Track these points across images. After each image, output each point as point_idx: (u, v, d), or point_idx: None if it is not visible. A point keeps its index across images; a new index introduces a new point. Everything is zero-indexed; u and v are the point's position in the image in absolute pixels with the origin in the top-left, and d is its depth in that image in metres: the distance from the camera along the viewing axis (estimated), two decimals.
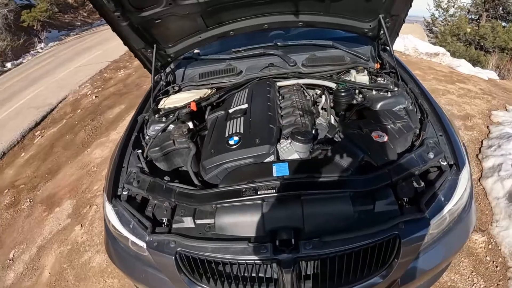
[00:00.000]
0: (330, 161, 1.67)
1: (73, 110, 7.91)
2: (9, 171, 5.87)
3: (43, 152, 6.16)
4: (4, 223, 4.44)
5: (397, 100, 2.10)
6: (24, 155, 6.34)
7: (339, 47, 2.67)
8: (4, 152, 6.56)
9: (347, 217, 1.46)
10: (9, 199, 4.93)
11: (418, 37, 8.37)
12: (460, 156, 1.66)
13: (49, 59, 13.78)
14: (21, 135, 7.09)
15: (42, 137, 6.91)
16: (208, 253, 1.43)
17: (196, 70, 2.89)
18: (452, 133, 1.79)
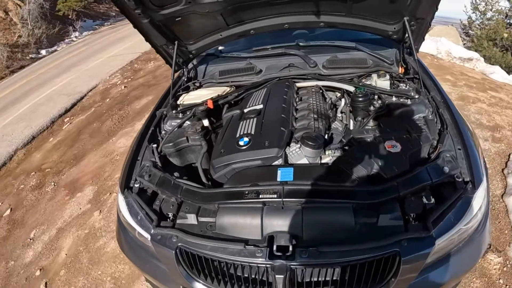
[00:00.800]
0: (337, 169, 1.66)
1: (102, 99, 8.28)
2: (37, 155, 6.25)
3: (70, 138, 6.51)
4: (28, 204, 4.74)
5: (417, 108, 2.03)
6: (52, 140, 6.73)
7: (362, 49, 2.62)
8: (34, 136, 6.98)
9: (347, 228, 1.44)
10: (35, 182, 5.25)
11: (452, 41, 8.06)
12: (477, 173, 1.58)
13: (83, 48, 14.46)
14: (50, 120, 7.52)
15: (70, 124, 7.29)
16: (206, 251, 1.48)
17: (217, 67, 2.94)
18: (472, 148, 1.70)
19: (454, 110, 1.98)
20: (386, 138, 1.78)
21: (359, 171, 1.63)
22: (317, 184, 1.54)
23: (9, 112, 8.52)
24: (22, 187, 5.20)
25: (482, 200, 1.56)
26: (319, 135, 1.84)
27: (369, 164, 1.67)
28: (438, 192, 1.58)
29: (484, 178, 1.62)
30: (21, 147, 6.58)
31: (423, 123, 1.94)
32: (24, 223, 4.36)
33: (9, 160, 6.27)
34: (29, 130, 7.12)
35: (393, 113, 2.06)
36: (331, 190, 1.52)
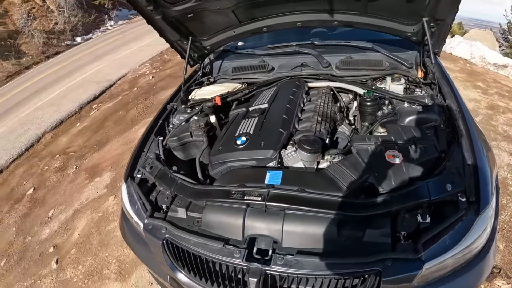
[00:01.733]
0: (327, 177, 1.62)
1: (130, 88, 8.66)
2: (63, 139, 6.67)
3: (95, 125, 6.88)
4: (50, 184, 5.10)
5: (428, 116, 1.95)
6: (79, 125, 7.13)
7: (380, 50, 2.56)
8: (62, 120, 7.42)
9: (329, 240, 1.42)
10: (59, 164, 5.62)
11: (488, 46, 7.68)
12: (485, 193, 1.46)
13: (116, 36, 15.07)
14: (79, 106, 7.95)
15: (97, 111, 7.69)
16: (190, 245, 1.56)
17: (231, 64, 3.01)
18: (483, 165, 1.57)
19: (470, 121, 1.85)
20: (388, 147, 1.72)
21: (350, 180, 1.57)
22: (304, 190, 1.53)
23: (41, 96, 9.08)
24: (46, 168, 5.58)
25: (487, 223, 1.45)
26: (317, 139, 1.81)
27: (363, 174, 1.61)
28: (438, 210, 1.50)
29: (492, 199, 1.50)
30: (49, 130, 7.03)
31: (433, 133, 1.87)
32: (44, 202, 4.69)
33: (37, 142, 6.72)
34: (58, 115, 7.58)
35: (402, 120, 2.00)
36: (316, 198, 1.48)
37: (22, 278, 3.47)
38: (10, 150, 6.48)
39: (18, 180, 5.53)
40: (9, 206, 4.89)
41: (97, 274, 3.12)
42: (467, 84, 5.81)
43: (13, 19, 14.84)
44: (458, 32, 11.86)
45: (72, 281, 3.16)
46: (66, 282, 3.17)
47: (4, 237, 4.26)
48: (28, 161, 6.10)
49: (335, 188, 1.55)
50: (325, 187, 1.55)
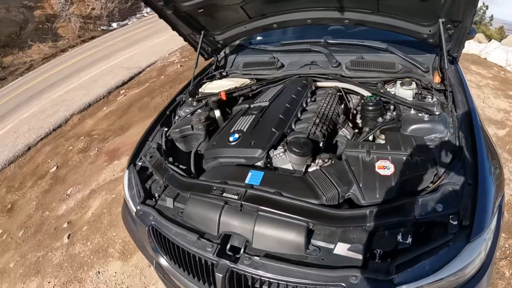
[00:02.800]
0: (307, 182, 1.61)
1: (158, 75, 8.97)
2: (89, 121, 7.06)
3: (121, 110, 7.22)
4: (72, 164, 5.45)
5: (434, 127, 1.87)
6: (105, 109, 7.51)
7: (395, 51, 2.50)
8: (90, 104, 7.84)
9: (296, 247, 1.42)
10: (82, 145, 5.97)
11: None
12: (480, 219, 1.35)
13: (151, 24, 15.53)
14: (108, 91, 8.35)
15: (124, 96, 8.05)
16: (171, 234, 1.67)
17: (244, 59, 3.09)
18: (486, 185, 1.46)
19: (480, 136, 1.72)
20: (380, 157, 1.66)
21: (331, 189, 1.54)
22: (280, 194, 1.54)
23: (73, 79, 9.60)
24: (70, 149, 5.95)
25: (479, 251, 1.34)
26: (307, 141, 1.80)
27: (346, 183, 1.57)
28: (424, 232, 1.42)
29: (491, 223, 1.39)
30: (77, 113, 7.45)
31: (436, 146, 1.77)
32: (65, 181, 5.03)
33: (65, 123, 7.16)
34: (87, 98, 8.01)
35: (405, 128, 1.93)
36: (290, 203, 1.49)
37: (36, 249, 3.78)
38: (39, 129, 6.95)
39: (44, 158, 5.95)
40: (33, 181, 5.29)
41: (102, 252, 3.35)
42: (498, 93, 5.57)
43: (51, 3, 15.66)
44: (496, 37, 11.31)
45: (79, 255, 3.41)
46: (74, 256, 3.43)
47: (24, 210, 4.63)
48: (54, 141, 6.52)
49: (313, 195, 1.54)
50: (302, 192, 1.55)
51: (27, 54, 13.16)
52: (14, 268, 3.65)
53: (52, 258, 3.55)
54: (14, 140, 6.76)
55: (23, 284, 3.38)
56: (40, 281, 3.32)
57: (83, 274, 3.18)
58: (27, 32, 14.00)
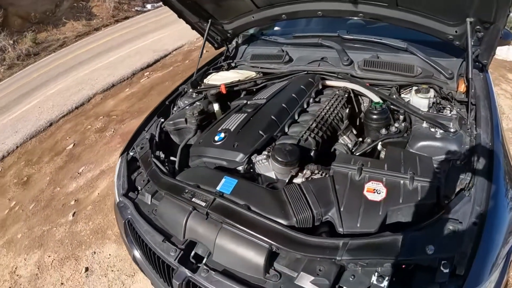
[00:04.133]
0: (280, 198, 1.47)
1: (183, 59, 9.08)
2: (111, 102, 7.27)
3: (142, 93, 7.38)
4: (88, 143, 5.65)
5: (446, 146, 1.65)
6: (128, 91, 7.70)
7: (416, 52, 2.25)
8: (114, 84, 8.05)
9: (256, 270, 1.34)
10: (100, 125, 6.18)
11: None
12: (479, 269, 1.15)
13: None
14: (132, 72, 8.54)
15: (148, 79, 8.22)
16: (142, 231, 1.68)
17: (253, 50, 3.01)
18: (496, 227, 1.25)
19: (500, 164, 1.48)
20: (373, 177, 1.47)
21: (304, 209, 1.39)
22: (248, 208, 1.45)
23: (102, 58, 9.89)
24: (89, 128, 6.17)
25: None
26: (294, 149, 1.64)
27: (325, 205, 1.41)
28: (408, 275, 1.22)
29: (490, 278, 1.20)
30: (100, 92, 7.69)
31: (444, 170, 1.53)
32: (79, 159, 5.24)
33: (87, 102, 7.41)
34: (111, 78, 8.24)
35: (413, 143, 1.72)
36: (255, 220, 1.38)
37: (43, 223, 3.99)
38: (62, 106, 7.24)
39: (63, 135, 6.21)
40: (50, 157, 5.54)
41: (101, 233, 3.49)
42: None
43: None
44: None
45: (80, 234, 3.57)
46: (75, 234, 3.59)
47: (38, 184, 4.87)
48: (75, 119, 6.78)
49: (282, 214, 1.40)
50: (272, 210, 1.42)
51: (61, 31, 13.68)
52: (21, 239, 3.87)
53: (55, 233, 3.73)
54: (38, 115, 7.09)
55: (26, 255, 3.58)
56: (42, 254, 3.51)
57: (80, 252, 3.33)
58: (62, 10, 14.52)
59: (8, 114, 7.69)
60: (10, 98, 8.78)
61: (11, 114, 7.63)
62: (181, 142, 2.27)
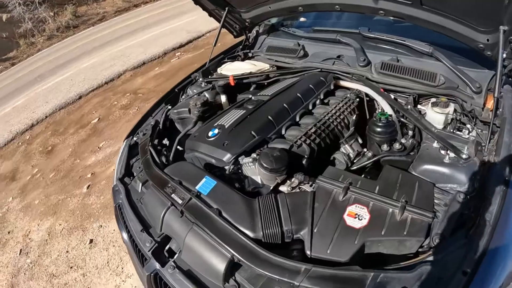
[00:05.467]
0: (252, 207, 1.41)
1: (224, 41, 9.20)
2: (139, 80, 7.46)
3: (170, 73, 7.52)
4: (112, 118, 5.86)
5: (453, 174, 1.45)
6: (157, 69, 7.87)
7: (441, 58, 2.00)
8: (145, 62, 8.24)
9: (215, 277, 1.31)
10: (126, 102, 6.37)
11: None
12: None
13: None
14: (164, 52, 8.70)
15: (178, 59, 8.35)
16: (127, 216, 1.75)
17: (271, 41, 2.90)
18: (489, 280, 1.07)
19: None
20: (359, 200, 1.34)
21: (273, 225, 1.31)
22: (219, 213, 1.42)
23: (137, 35, 10.11)
24: (115, 104, 6.39)
25: None
26: (282, 156, 1.55)
27: (298, 222, 1.32)
28: None
29: None
30: (131, 69, 7.90)
31: (445, 203, 1.34)
32: (101, 133, 5.45)
33: (117, 78, 7.64)
34: (143, 56, 8.43)
35: (417, 165, 1.55)
36: (222, 227, 1.35)
37: (59, 192, 4.21)
38: (93, 80, 7.51)
39: (90, 108, 6.46)
40: (75, 129, 5.81)
41: (110, 208, 3.64)
42: None
43: None
44: None
45: (91, 207, 3.75)
46: (86, 207, 3.77)
47: (60, 155, 5.13)
48: (104, 93, 7.03)
49: (251, 225, 1.34)
50: (242, 219, 1.37)
51: (101, 5, 14.10)
52: (37, 205, 4.12)
53: (69, 203, 3.94)
54: (69, 87, 7.41)
55: (40, 221, 3.82)
56: (54, 222, 3.72)
57: (88, 224, 3.50)
58: None
59: (42, 84, 8.09)
60: (46, 68, 9.21)
61: (45, 84, 8.02)
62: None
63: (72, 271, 3.06)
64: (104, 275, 2.90)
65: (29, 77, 9.06)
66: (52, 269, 3.16)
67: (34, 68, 9.81)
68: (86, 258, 3.12)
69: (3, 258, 3.57)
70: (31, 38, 12.27)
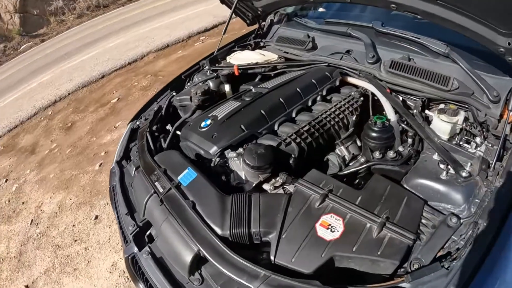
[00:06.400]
0: (225, 205, 1.38)
1: (240, 28, 8.98)
2: (161, 62, 7.56)
3: (192, 57, 7.56)
4: (131, 99, 5.98)
5: (449, 193, 1.33)
6: (180, 53, 7.94)
7: (458, 60, 1.82)
8: (169, 44, 8.33)
9: (182, 268, 1.33)
10: (146, 83, 6.48)
11: None
12: None
13: None
14: (188, 35, 8.76)
15: (202, 43, 8.39)
16: (118, 199, 1.79)
17: (284, 31, 2.85)
18: None
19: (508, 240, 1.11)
20: (336, 210, 1.26)
21: (240, 226, 1.28)
22: (193, 206, 1.41)
23: (163, 17, 10.20)
24: (135, 85, 6.52)
25: None
26: (267, 154, 1.49)
27: (268, 225, 1.27)
28: None
29: None
30: (154, 51, 8.01)
31: (434, 225, 1.22)
32: (118, 113, 5.59)
33: (140, 59, 7.77)
34: (167, 39, 8.52)
35: (410, 178, 1.45)
36: (193, 221, 1.34)
37: (73, 167, 4.37)
38: (117, 60, 7.68)
39: (111, 88, 6.62)
40: (95, 107, 5.98)
41: None
42: None
43: None
44: None
45: (100, 184, 3.88)
46: (96, 184, 3.90)
47: (79, 132, 5.30)
48: (126, 74, 7.17)
49: (221, 222, 1.32)
50: (214, 214, 1.36)
51: None
52: (52, 179, 4.30)
53: (81, 179, 4.08)
54: (93, 66, 7.61)
55: (52, 194, 3.99)
56: (65, 196, 3.88)
57: (96, 201, 3.63)
58: None
59: (68, 61, 8.35)
60: (74, 46, 9.48)
61: (71, 62, 8.27)
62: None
63: (76, 244, 3.19)
64: (104, 251, 3.01)
65: (56, 54, 9.37)
66: (58, 241, 3.31)
67: (62, 45, 10.13)
68: (90, 233, 3.24)
69: (15, 227, 3.76)
70: (61, 16, 12.63)
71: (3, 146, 5.84)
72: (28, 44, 11.89)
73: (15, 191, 4.39)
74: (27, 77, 8.50)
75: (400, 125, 1.76)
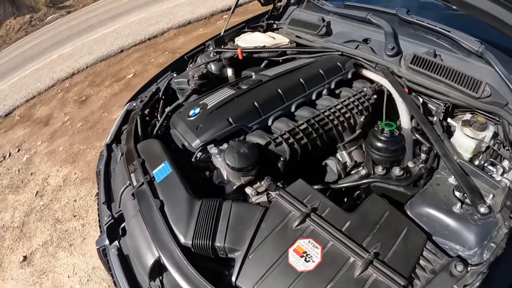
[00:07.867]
0: (193, 209, 1.24)
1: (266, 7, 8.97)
2: (181, 39, 7.48)
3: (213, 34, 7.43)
4: (146, 75, 5.91)
5: (460, 231, 1.12)
6: (201, 30, 7.83)
7: (491, 61, 1.53)
8: (190, 21, 8.20)
9: (143, 271, 1.24)
10: (163, 60, 6.42)
11: None
12: None
13: None
14: (211, 13, 8.60)
15: (224, 21, 8.30)
16: (100, 185, 1.75)
17: (298, 14, 2.65)
18: None
19: None
20: (316, 235, 1.08)
21: (204, 237, 1.14)
22: (161, 205, 1.29)
23: None
24: (152, 61, 6.48)
25: None
26: (250, 154, 1.32)
27: (235, 241, 1.12)
28: None
29: None
30: (175, 28, 7.93)
31: (434, 270, 1.02)
32: (133, 89, 5.56)
33: (160, 35, 7.71)
34: (189, 15, 8.40)
35: (415, 203, 1.23)
36: (158, 224, 1.23)
37: (82, 142, 4.40)
38: (137, 35, 7.64)
39: (129, 63, 6.61)
40: (110, 82, 5.98)
41: None
42: None
43: None
44: None
45: None
46: None
47: (91, 106, 5.33)
48: (145, 49, 7.14)
49: (185, 228, 1.18)
50: (180, 218, 1.22)
51: None
52: (60, 152, 4.34)
53: (88, 154, 4.11)
54: (113, 40, 7.61)
55: (59, 167, 4.03)
56: (71, 170, 3.91)
57: None
58: None
59: (90, 34, 8.39)
60: (98, 19, 9.53)
61: (93, 35, 8.32)
62: (184, 101, 2.09)
63: (75, 219, 3.22)
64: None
65: (80, 26, 9.44)
66: (58, 215, 3.35)
67: (86, 18, 10.19)
68: (89, 210, 3.26)
69: (21, 197, 3.83)
70: None
71: (19, 116, 5.95)
72: (54, 15, 12.05)
73: (26, 162, 4.47)
74: (49, 48, 8.62)
75: (415, 134, 1.53)
